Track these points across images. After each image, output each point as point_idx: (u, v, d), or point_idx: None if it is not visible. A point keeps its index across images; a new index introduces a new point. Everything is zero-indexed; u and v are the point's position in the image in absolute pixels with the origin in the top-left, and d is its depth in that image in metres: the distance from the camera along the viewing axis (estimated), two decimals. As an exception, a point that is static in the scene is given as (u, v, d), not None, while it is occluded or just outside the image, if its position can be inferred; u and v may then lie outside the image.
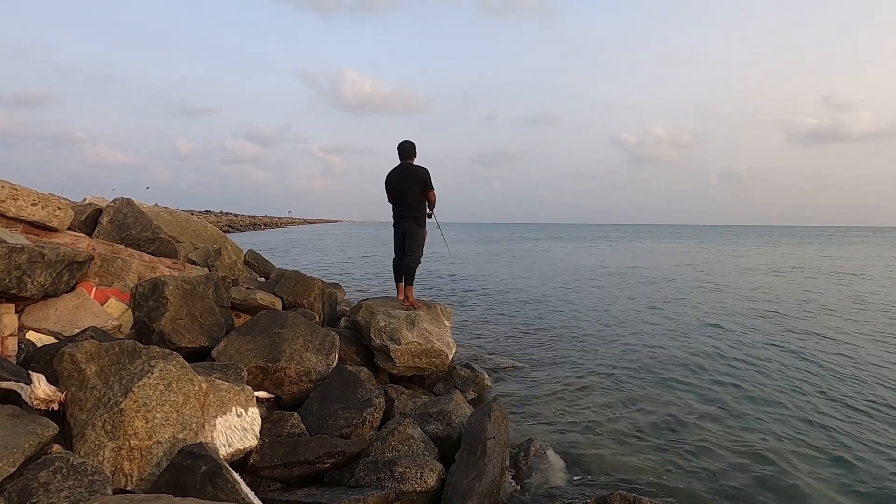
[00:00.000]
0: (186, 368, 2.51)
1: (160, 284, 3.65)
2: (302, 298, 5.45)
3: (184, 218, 7.16)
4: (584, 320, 8.65)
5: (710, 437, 3.92)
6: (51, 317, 3.52)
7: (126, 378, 2.35)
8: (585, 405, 4.63)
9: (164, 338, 3.43)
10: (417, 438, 3.22)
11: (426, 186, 4.89)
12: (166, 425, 2.32)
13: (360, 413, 3.27)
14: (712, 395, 4.91)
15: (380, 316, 4.57)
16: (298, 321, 3.95)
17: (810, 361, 6.03)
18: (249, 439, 2.64)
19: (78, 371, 2.37)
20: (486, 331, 7.76)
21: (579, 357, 6.26)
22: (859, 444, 3.83)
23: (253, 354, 3.51)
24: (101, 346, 2.46)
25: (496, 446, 3.00)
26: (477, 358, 6.08)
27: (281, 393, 3.57)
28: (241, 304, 4.77)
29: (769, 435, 3.97)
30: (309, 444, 2.80)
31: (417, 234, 4.97)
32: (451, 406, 3.62)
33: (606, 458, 3.58)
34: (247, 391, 2.80)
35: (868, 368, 5.74)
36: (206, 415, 2.50)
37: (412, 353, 4.42)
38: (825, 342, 7.02)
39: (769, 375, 5.51)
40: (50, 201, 4.47)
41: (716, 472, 3.39)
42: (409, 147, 5.00)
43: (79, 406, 2.30)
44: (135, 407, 2.25)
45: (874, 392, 4.95)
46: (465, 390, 4.65)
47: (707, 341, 7.08)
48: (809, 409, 4.51)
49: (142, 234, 5.62)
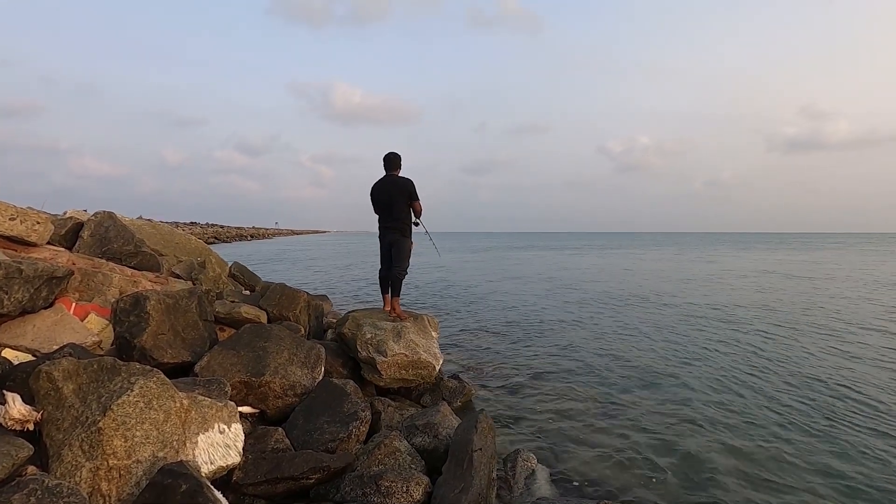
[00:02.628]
0: (167, 385, 2.47)
1: (142, 299, 3.60)
2: (287, 311, 5.41)
3: (167, 231, 7.08)
4: (570, 330, 8.69)
5: (698, 447, 3.94)
6: (28, 333, 3.45)
7: (105, 396, 2.30)
8: (572, 415, 4.64)
9: (146, 353, 3.37)
10: (404, 451, 3.20)
11: (411, 197, 4.91)
12: (146, 443, 2.27)
13: (346, 427, 3.24)
14: (699, 404, 4.95)
15: (366, 328, 4.56)
16: (283, 334, 3.91)
17: (777, 363, 6.14)
18: (232, 456, 2.60)
19: (55, 389, 2.32)
20: (473, 341, 7.75)
21: (566, 366, 6.28)
22: (835, 445, 3.90)
23: (237, 369, 3.47)
24: (79, 364, 2.41)
25: (483, 458, 2.99)
26: (464, 368, 6.08)
27: (265, 407, 3.52)
28: (225, 318, 4.72)
29: (757, 443, 4.02)
30: (293, 459, 2.77)
31: (403, 245, 4.97)
32: (438, 418, 3.61)
33: (593, 469, 3.59)
34: (230, 407, 2.76)
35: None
36: (187, 432, 2.46)
37: (399, 365, 4.40)
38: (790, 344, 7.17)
39: (756, 387, 5.58)
40: (28, 215, 4.40)
41: (703, 481, 3.41)
42: (395, 159, 5.02)
43: (55, 426, 2.25)
44: (113, 425, 2.21)
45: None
46: (453, 401, 4.64)
47: (689, 348, 7.16)
48: (797, 418, 4.58)
49: (124, 247, 5.55)
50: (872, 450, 3.84)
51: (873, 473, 3.50)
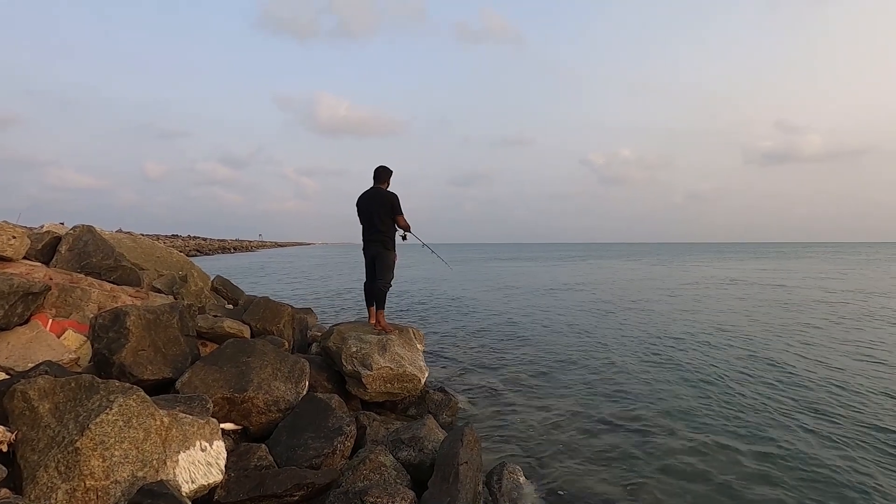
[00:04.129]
0: (147, 402, 2.43)
1: (122, 314, 3.54)
2: (271, 325, 5.35)
3: (148, 244, 6.97)
4: (555, 341, 8.73)
5: (684, 458, 3.97)
6: (2, 351, 3.37)
7: (83, 415, 2.25)
8: (557, 426, 4.65)
9: (125, 370, 3.31)
10: (389, 466, 3.17)
11: (394, 212, 4.92)
12: (125, 463, 2.23)
13: (331, 442, 3.21)
14: (682, 413, 5.01)
15: (351, 341, 4.53)
16: (267, 349, 3.87)
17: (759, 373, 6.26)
18: (214, 474, 2.56)
19: (30, 409, 2.27)
20: (459, 353, 7.74)
21: (551, 378, 6.30)
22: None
23: (219, 385, 3.41)
24: (55, 382, 2.36)
25: (469, 471, 2.98)
26: (450, 380, 6.06)
27: (248, 424, 3.47)
28: (207, 333, 4.65)
29: (741, 452, 4.07)
30: (277, 476, 2.73)
31: (386, 258, 4.97)
32: (424, 431, 3.59)
33: (579, 481, 3.60)
34: (212, 424, 2.72)
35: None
36: (167, 450, 2.41)
37: (384, 379, 4.38)
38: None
39: (744, 394, 5.67)
40: (4, 230, 4.31)
41: (689, 491, 3.44)
42: (383, 172, 5.04)
43: (30, 446, 2.19)
44: (91, 445, 2.16)
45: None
46: (439, 414, 4.62)
47: (673, 355, 7.25)
48: (780, 423, 4.66)
49: (103, 262, 5.45)
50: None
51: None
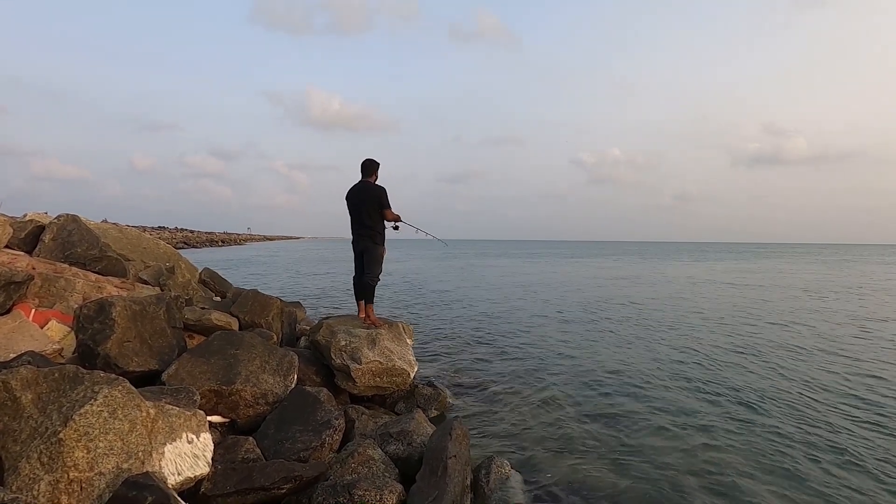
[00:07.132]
0: (133, 394, 2.40)
1: (107, 305, 3.49)
2: (259, 318, 5.31)
3: (134, 235, 6.87)
4: (543, 336, 8.78)
5: (671, 453, 4.00)
6: (-17, 341, 3.30)
7: (66, 406, 2.21)
8: (546, 420, 4.68)
9: (110, 361, 3.26)
10: (378, 460, 3.17)
11: (381, 206, 4.90)
12: (110, 455, 2.19)
13: (319, 435, 3.20)
14: (669, 405, 5.06)
15: (340, 335, 4.51)
16: (255, 342, 3.84)
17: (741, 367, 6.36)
18: (201, 466, 2.53)
19: (12, 399, 2.22)
20: (448, 347, 7.75)
21: (540, 372, 6.33)
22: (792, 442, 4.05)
23: (206, 377, 3.38)
24: (38, 373, 2.32)
25: (457, 465, 2.99)
26: (439, 375, 6.07)
27: (236, 416, 3.45)
28: (195, 325, 4.61)
29: (727, 444, 4.13)
30: (264, 469, 2.71)
31: (375, 252, 4.96)
32: (413, 425, 3.59)
33: (567, 473, 3.63)
34: (199, 416, 2.69)
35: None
36: (153, 442, 2.38)
37: (373, 373, 4.37)
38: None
39: (721, 389, 5.75)
40: (-15, 218, 4.22)
41: (676, 484, 3.48)
42: (370, 165, 5.01)
43: (12, 437, 2.15)
44: (75, 436, 2.13)
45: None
46: (427, 408, 4.63)
47: (663, 351, 7.32)
48: (774, 422, 4.73)
49: (88, 251, 5.36)
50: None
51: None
